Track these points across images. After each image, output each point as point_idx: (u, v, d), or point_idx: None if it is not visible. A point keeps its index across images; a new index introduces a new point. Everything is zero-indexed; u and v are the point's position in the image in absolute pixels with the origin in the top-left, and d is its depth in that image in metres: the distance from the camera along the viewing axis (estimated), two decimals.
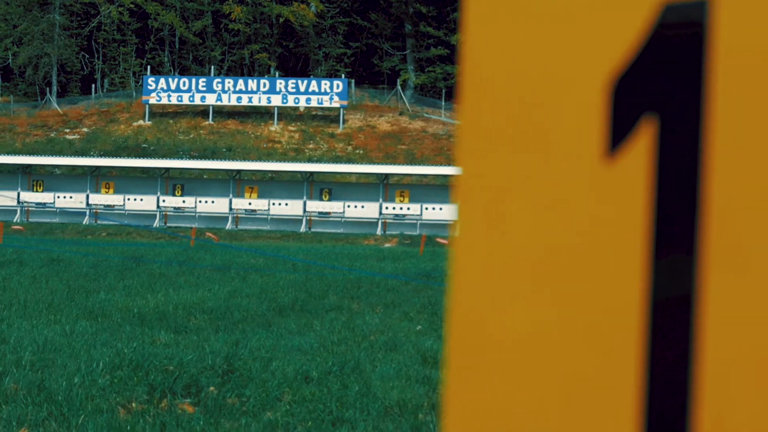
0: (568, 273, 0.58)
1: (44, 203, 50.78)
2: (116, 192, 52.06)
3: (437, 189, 48.69)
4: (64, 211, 48.15)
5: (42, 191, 52.06)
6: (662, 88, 0.55)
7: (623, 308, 0.56)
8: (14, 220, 48.92)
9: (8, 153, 54.11)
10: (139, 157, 53.93)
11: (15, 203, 48.56)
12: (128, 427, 6.34)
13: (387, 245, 42.73)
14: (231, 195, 50.32)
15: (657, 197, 0.55)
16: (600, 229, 0.57)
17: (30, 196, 51.07)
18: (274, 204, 49.53)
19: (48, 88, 66.15)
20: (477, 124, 0.62)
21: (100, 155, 55.30)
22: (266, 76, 62.82)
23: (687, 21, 0.55)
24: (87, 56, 70.97)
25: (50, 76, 67.30)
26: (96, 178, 52.22)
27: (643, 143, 0.56)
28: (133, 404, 6.98)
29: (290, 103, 58.98)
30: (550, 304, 0.59)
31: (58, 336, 10.08)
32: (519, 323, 0.60)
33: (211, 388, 7.43)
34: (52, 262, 21.22)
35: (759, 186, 0.52)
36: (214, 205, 50.35)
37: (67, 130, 60.23)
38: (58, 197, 50.99)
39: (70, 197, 51.09)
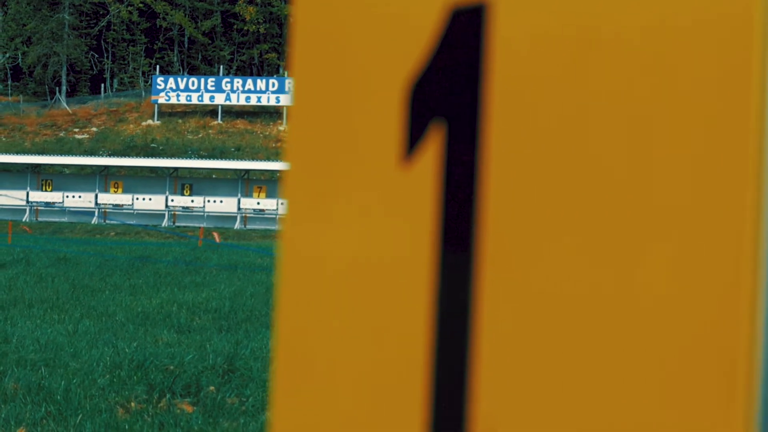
0: (369, 279, 0.59)
1: (53, 203, 50.94)
2: (125, 191, 52.23)
3: None
4: (72, 211, 48.28)
5: (51, 191, 52.25)
6: (449, 93, 0.56)
7: (414, 312, 0.57)
8: (23, 220, 49.07)
9: (17, 152, 54.31)
10: (148, 157, 54.06)
11: (24, 203, 48.71)
12: (126, 427, 6.33)
13: None
14: (239, 195, 50.43)
15: (444, 203, 0.56)
16: (396, 235, 0.58)
17: (39, 196, 51.24)
18: (282, 204, 49.52)
19: (57, 88, 66.38)
20: (301, 124, 0.63)
21: (109, 155, 55.48)
22: (275, 76, 62.88)
23: (468, 25, 0.56)
24: (96, 56, 71.21)
25: (59, 75, 67.52)
26: (105, 178, 52.40)
27: (433, 149, 0.57)
28: (132, 404, 6.97)
29: None
30: (354, 307, 0.60)
31: (61, 335, 10.09)
32: (331, 325, 0.60)
33: (211, 388, 7.42)
34: (59, 262, 21.27)
35: (532, 190, 0.53)
36: (223, 204, 50.47)
37: (76, 130, 60.43)
38: (67, 197, 51.16)
39: (79, 197, 51.26)
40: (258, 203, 50.15)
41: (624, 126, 0.50)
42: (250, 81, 60.57)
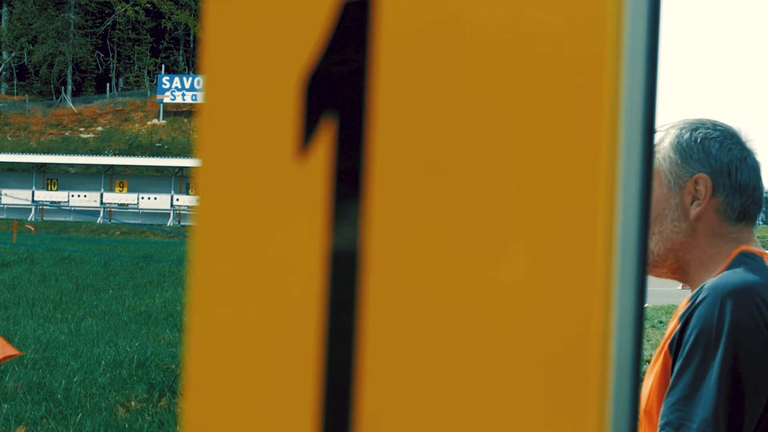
0: (265, 276, 0.60)
1: (58, 202, 51.01)
2: (130, 191, 52.30)
3: None
4: (78, 210, 48.35)
5: (56, 190, 52.34)
6: (339, 86, 0.57)
7: (306, 310, 0.57)
8: (29, 219, 49.16)
9: (23, 152, 54.42)
10: (154, 156, 54.11)
11: (29, 202, 48.79)
12: (126, 426, 6.34)
13: None
14: None
15: (334, 199, 0.57)
16: (290, 232, 0.59)
17: (44, 195, 51.31)
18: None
19: (63, 87, 66.47)
20: (209, 121, 0.63)
21: (115, 154, 55.56)
22: None
23: (356, 18, 0.56)
24: (102, 55, 71.30)
25: (65, 74, 67.61)
26: (110, 177, 52.49)
27: (325, 143, 0.57)
28: (133, 402, 6.98)
29: None
30: (252, 306, 0.60)
31: (63, 334, 10.11)
32: (233, 323, 0.61)
33: None
34: (64, 261, 21.31)
35: (411, 185, 0.54)
36: None
37: (82, 129, 60.53)
38: (73, 196, 51.24)
39: (85, 196, 51.34)
40: None
41: (489, 125, 0.51)
42: None
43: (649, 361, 1.76)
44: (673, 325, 1.66)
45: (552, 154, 0.49)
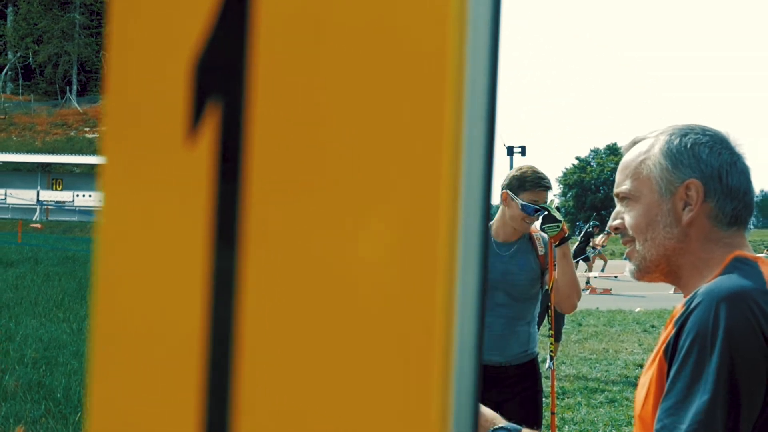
0: (154, 267, 0.61)
1: (63, 202, 51.11)
2: None
3: None
4: (83, 210, 48.44)
5: (61, 190, 52.43)
6: (224, 71, 0.58)
7: (190, 306, 0.59)
8: (33, 219, 49.26)
9: (28, 151, 54.53)
10: None
11: (34, 202, 48.91)
12: None
13: None
14: None
15: (218, 183, 0.58)
16: (179, 216, 0.60)
17: (49, 195, 51.42)
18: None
19: (68, 87, 66.60)
20: (112, 112, 0.64)
21: None
22: None
23: (236, 5, 0.57)
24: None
25: (70, 74, 67.73)
26: None
27: (210, 128, 0.58)
28: None
29: None
30: (143, 299, 0.61)
31: (65, 333, 10.13)
32: (128, 315, 0.62)
33: None
34: (68, 261, 21.36)
35: (285, 174, 0.56)
36: None
37: (87, 129, 60.62)
38: (77, 196, 51.33)
39: (90, 196, 51.42)
40: None
41: (347, 118, 0.54)
42: None
43: (642, 366, 1.76)
44: (668, 331, 1.66)
45: (401, 148, 0.52)
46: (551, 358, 4.82)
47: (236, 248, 0.57)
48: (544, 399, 4.74)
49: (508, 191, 4.39)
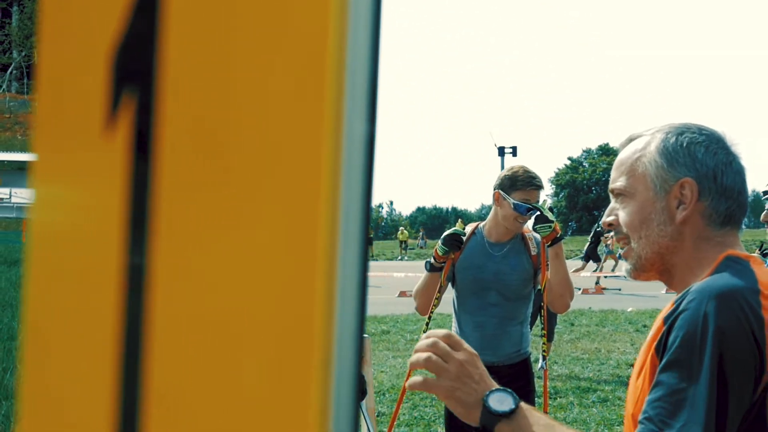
0: (73, 259, 0.62)
1: None
2: None
3: None
4: None
5: None
6: (139, 62, 0.58)
7: (109, 266, 0.60)
8: None
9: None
10: None
11: None
12: None
13: None
14: None
15: (132, 176, 0.58)
16: (96, 202, 0.61)
17: None
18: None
19: None
20: (42, 108, 0.66)
21: None
22: None
23: (148, 3, 0.58)
24: None
25: None
26: None
27: (126, 118, 0.59)
28: None
29: None
30: (67, 292, 0.63)
31: None
32: (55, 311, 0.65)
33: None
34: None
35: (189, 168, 0.56)
36: None
37: None
38: None
39: None
40: None
41: (240, 109, 0.55)
42: None
43: (632, 365, 1.74)
44: (657, 327, 1.66)
45: (287, 144, 0.53)
46: (544, 358, 4.81)
47: (147, 238, 0.57)
48: (536, 399, 4.74)
49: (500, 191, 4.39)
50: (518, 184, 4.38)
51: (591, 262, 25.28)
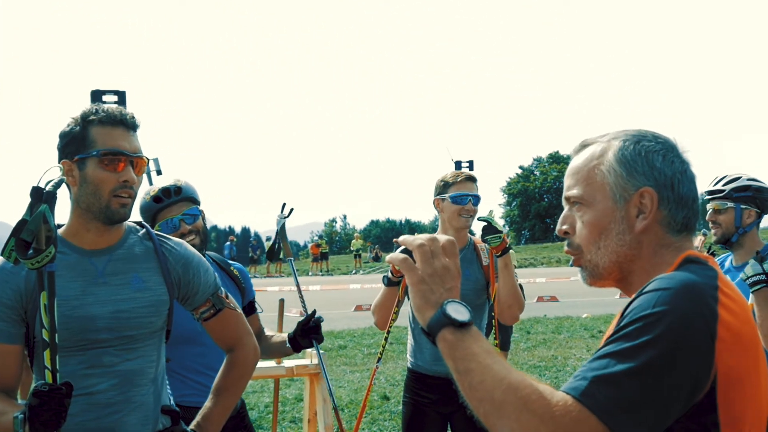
0: None
1: None
2: None
3: None
4: None
5: None
6: None
7: None
8: None
9: None
10: None
11: None
12: None
13: None
14: None
15: None
16: None
17: None
18: None
19: None
20: None
21: None
22: None
23: None
24: None
25: None
26: None
27: None
28: None
29: None
30: None
31: None
32: None
33: None
34: None
35: None
36: None
37: None
38: None
39: None
40: None
41: None
42: None
43: None
44: (616, 320, 1.65)
45: None
46: None
47: None
48: None
49: (437, 197, 4.59)
50: (450, 181, 4.57)
51: None
